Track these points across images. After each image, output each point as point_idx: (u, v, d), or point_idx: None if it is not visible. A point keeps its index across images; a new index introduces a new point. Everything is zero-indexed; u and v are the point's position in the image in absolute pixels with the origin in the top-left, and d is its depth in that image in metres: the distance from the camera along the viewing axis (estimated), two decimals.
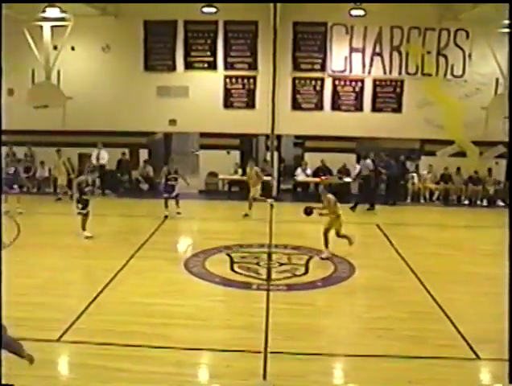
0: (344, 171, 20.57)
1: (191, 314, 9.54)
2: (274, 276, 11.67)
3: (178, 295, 10.54)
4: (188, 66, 20.67)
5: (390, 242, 14.63)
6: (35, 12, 18.01)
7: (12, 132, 20.37)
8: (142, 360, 7.81)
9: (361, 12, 19.01)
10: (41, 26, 18.59)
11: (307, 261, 12.69)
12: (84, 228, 14.21)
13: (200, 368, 7.95)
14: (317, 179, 20.34)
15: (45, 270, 11.63)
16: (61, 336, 8.41)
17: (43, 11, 17.58)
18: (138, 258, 12.78)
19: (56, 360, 8.09)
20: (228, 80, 20.66)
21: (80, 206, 14.18)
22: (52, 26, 18.66)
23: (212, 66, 20.60)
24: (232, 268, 12.10)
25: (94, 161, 20.56)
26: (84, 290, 10.64)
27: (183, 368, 7.66)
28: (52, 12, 17.58)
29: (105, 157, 20.71)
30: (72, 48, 20.17)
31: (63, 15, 18.07)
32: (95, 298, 10.06)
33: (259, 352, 8.07)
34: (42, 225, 16.25)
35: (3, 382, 5.94)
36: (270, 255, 13.12)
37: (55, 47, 19.03)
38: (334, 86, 20.49)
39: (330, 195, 12.99)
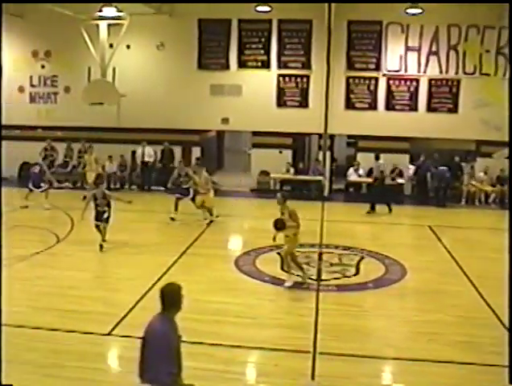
0: (397, 172, 20.29)
1: (240, 312, 9.58)
2: (324, 276, 11.60)
3: (228, 293, 10.59)
4: (242, 64, 20.73)
5: (443, 244, 14.37)
6: (92, 11, 18.37)
7: (68, 128, 21.00)
8: (191, 357, 7.80)
9: (417, 10, 18.54)
10: (97, 25, 19.04)
11: (358, 262, 12.58)
12: (103, 239, 13.23)
13: (248, 366, 7.98)
14: (370, 180, 20.13)
15: (96, 264, 11.82)
16: (112, 330, 8.55)
17: (100, 10, 17.91)
18: (189, 255, 12.89)
19: (106, 353, 8.26)
20: (281, 79, 20.63)
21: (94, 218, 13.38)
22: (108, 25, 19.10)
23: (266, 65, 20.60)
24: (282, 268, 12.08)
25: (139, 158, 20.89)
26: (135, 285, 10.72)
27: (231, 366, 7.69)
28: (109, 11, 17.88)
29: (150, 154, 20.97)
30: (128, 46, 20.48)
31: (119, 14, 18.39)
32: (146, 293, 10.15)
33: (308, 352, 8.04)
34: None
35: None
36: (320, 255, 13.05)
37: (110, 46, 19.41)
38: (388, 85, 20.23)
39: (290, 206, 11.06)
